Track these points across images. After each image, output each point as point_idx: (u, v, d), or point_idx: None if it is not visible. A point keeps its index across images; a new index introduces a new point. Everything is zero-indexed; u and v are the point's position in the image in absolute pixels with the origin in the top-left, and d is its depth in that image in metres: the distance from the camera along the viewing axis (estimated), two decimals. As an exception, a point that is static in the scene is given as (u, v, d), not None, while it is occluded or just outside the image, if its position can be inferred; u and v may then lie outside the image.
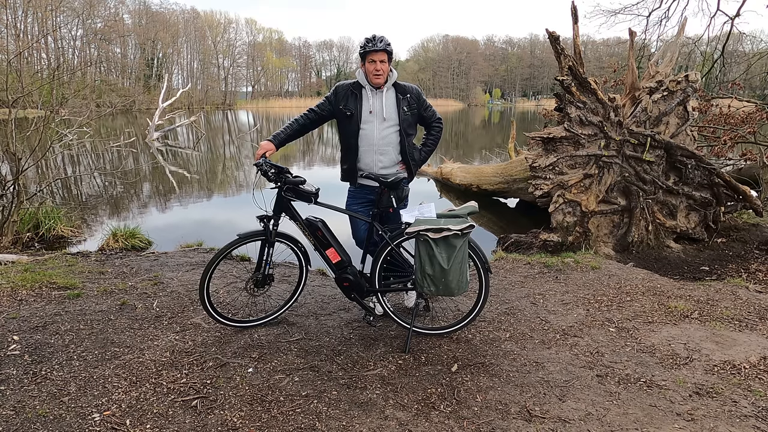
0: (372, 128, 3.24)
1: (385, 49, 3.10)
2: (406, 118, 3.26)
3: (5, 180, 5.73)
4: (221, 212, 8.18)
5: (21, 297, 3.60)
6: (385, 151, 3.27)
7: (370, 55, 3.10)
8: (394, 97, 3.26)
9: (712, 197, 5.54)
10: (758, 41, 18.77)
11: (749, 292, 3.87)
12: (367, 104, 3.24)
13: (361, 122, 3.24)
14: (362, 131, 3.26)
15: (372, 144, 3.25)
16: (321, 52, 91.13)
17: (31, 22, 47.96)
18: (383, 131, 3.25)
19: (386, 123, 3.25)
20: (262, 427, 2.25)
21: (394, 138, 3.28)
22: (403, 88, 3.29)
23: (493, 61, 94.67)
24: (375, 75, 3.14)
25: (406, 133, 3.28)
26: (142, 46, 61.28)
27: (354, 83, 3.29)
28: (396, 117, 3.25)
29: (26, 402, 2.36)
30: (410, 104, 3.28)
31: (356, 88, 3.27)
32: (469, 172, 8.76)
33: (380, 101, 3.24)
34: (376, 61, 3.11)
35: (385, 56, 3.12)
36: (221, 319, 3.14)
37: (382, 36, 3.11)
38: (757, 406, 2.39)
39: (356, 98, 3.25)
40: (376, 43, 3.09)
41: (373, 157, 3.27)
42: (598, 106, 5.32)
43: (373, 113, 3.24)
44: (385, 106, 3.23)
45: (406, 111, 3.26)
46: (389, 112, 3.24)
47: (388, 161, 3.29)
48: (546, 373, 2.71)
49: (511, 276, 4.36)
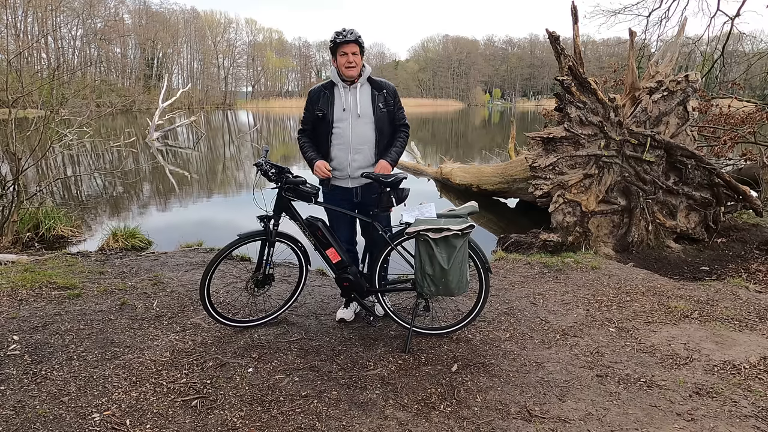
0: (347, 126, 3.08)
1: (356, 40, 2.96)
2: (381, 116, 3.11)
3: (5, 180, 5.73)
4: (221, 212, 8.18)
5: (21, 297, 3.60)
6: (360, 149, 3.12)
7: (341, 47, 2.97)
8: (369, 93, 3.10)
9: (712, 197, 5.54)
10: (758, 41, 18.73)
11: (749, 292, 3.87)
12: (339, 101, 3.08)
13: (334, 121, 3.09)
14: (336, 129, 3.10)
15: (347, 143, 3.10)
16: (321, 52, 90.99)
17: (31, 22, 48.06)
18: (358, 129, 3.09)
19: (361, 120, 3.09)
20: (262, 427, 2.25)
21: (371, 136, 3.12)
22: (378, 84, 3.13)
23: (493, 61, 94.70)
24: (347, 67, 2.99)
25: (381, 131, 3.13)
26: (142, 46, 61.30)
27: (326, 83, 3.15)
28: (371, 113, 3.09)
29: (26, 402, 2.36)
30: (386, 100, 3.12)
31: (328, 87, 3.12)
32: (469, 172, 8.76)
33: (354, 97, 3.08)
34: (347, 53, 2.97)
35: (356, 48, 2.98)
36: (221, 319, 3.14)
37: (351, 28, 2.99)
38: (757, 406, 2.39)
39: (327, 97, 3.10)
40: (346, 35, 2.96)
41: (347, 157, 3.12)
42: (598, 106, 5.32)
43: (347, 110, 3.07)
44: (360, 102, 3.07)
45: (381, 108, 3.10)
46: (364, 108, 3.08)
47: (363, 160, 3.14)
48: (546, 373, 2.71)
49: (511, 276, 4.36)
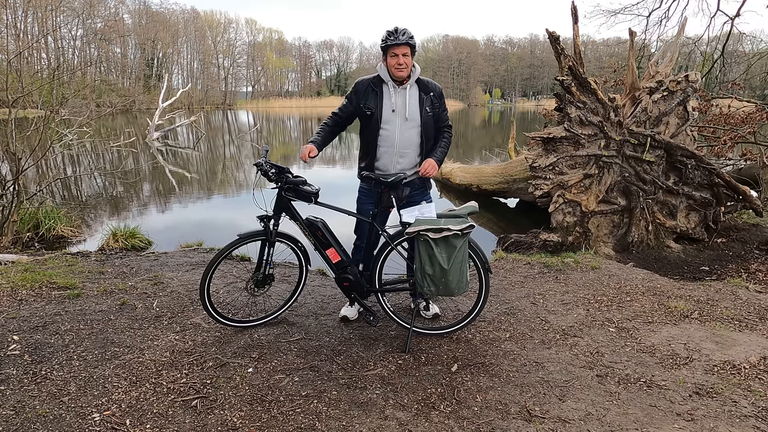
0: (394, 128, 3.08)
1: (407, 42, 2.95)
2: (428, 119, 3.11)
3: (5, 180, 5.73)
4: (221, 212, 8.17)
5: (21, 297, 3.60)
6: (406, 153, 3.13)
7: (392, 49, 2.96)
8: (417, 96, 3.10)
9: (712, 197, 5.54)
10: (758, 41, 18.78)
11: (749, 292, 3.87)
12: (389, 102, 3.07)
13: (382, 122, 3.08)
14: (383, 131, 3.09)
15: (393, 145, 3.11)
16: (321, 52, 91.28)
17: (31, 22, 48.04)
18: (405, 132, 3.09)
19: (408, 123, 3.09)
20: (262, 427, 2.25)
21: (416, 139, 3.13)
22: (426, 86, 3.13)
23: (493, 61, 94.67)
24: (397, 68, 2.99)
25: (427, 134, 3.13)
26: (142, 46, 61.30)
27: (375, 78, 3.12)
28: (419, 117, 3.09)
29: (26, 402, 2.36)
30: (433, 103, 3.12)
31: (377, 85, 3.10)
32: (469, 172, 8.76)
33: (403, 99, 3.07)
34: (398, 54, 2.96)
35: (407, 50, 2.98)
36: (221, 319, 3.14)
37: (404, 29, 2.96)
38: (757, 406, 2.39)
39: (377, 95, 3.08)
40: (398, 36, 2.94)
41: (392, 159, 3.13)
42: (598, 106, 5.32)
43: (396, 112, 3.07)
44: (409, 105, 3.07)
45: (428, 111, 3.10)
46: (412, 112, 3.07)
47: (408, 163, 3.16)
48: (546, 373, 2.71)
49: (511, 276, 4.36)
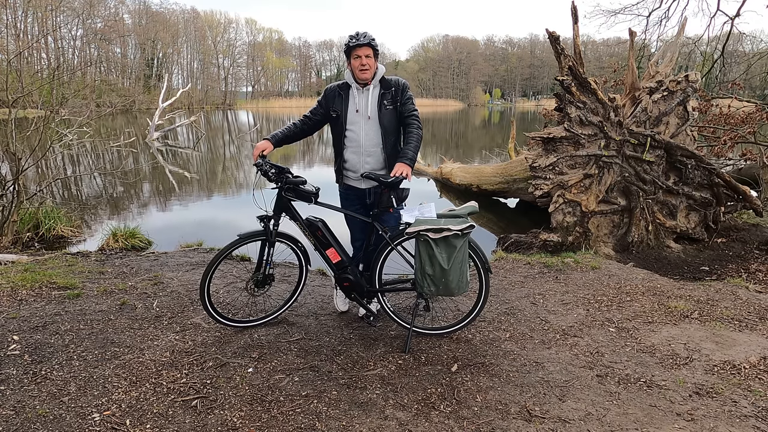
0: (359, 129, 3.15)
1: (369, 44, 3.02)
2: (385, 113, 3.14)
3: (5, 180, 5.73)
4: (221, 212, 8.17)
5: (21, 297, 3.60)
6: (372, 152, 3.18)
7: (355, 51, 3.04)
8: (378, 93, 3.14)
9: (712, 197, 5.54)
10: (758, 41, 18.81)
11: (749, 292, 3.87)
12: (353, 103, 3.15)
13: (347, 123, 3.16)
14: (348, 132, 3.17)
15: (359, 145, 3.17)
16: (321, 52, 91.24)
17: (31, 22, 48.02)
18: (370, 131, 3.15)
19: (371, 122, 3.14)
20: (262, 427, 2.25)
21: (378, 137, 3.17)
22: (388, 83, 3.17)
23: (493, 61, 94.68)
24: (361, 70, 3.05)
25: (385, 129, 3.15)
26: (142, 46, 61.28)
27: (342, 84, 3.22)
28: (377, 114, 3.14)
29: (26, 402, 2.36)
30: (393, 97, 3.14)
31: (343, 89, 3.19)
32: (469, 172, 8.77)
33: (366, 99, 3.13)
34: (361, 56, 3.03)
35: (370, 51, 3.04)
36: (221, 319, 3.14)
37: (365, 32, 3.04)
38: (757, 406, 2.39)
39: (342, 98, 3.17)
40: (359, 39, 3.01)
41: (360, 159, 3.18)
42: (598, 106, 5.32)
43: (360, 112, 3.14)
44: (370, 104, 3.13)
45: (387, 105, 3.13)
46: (373, 110, 3.13)
47: (375, 163, 3.20)
48: (546, 373, 2.71)
49: (511, 276, 4.36)
